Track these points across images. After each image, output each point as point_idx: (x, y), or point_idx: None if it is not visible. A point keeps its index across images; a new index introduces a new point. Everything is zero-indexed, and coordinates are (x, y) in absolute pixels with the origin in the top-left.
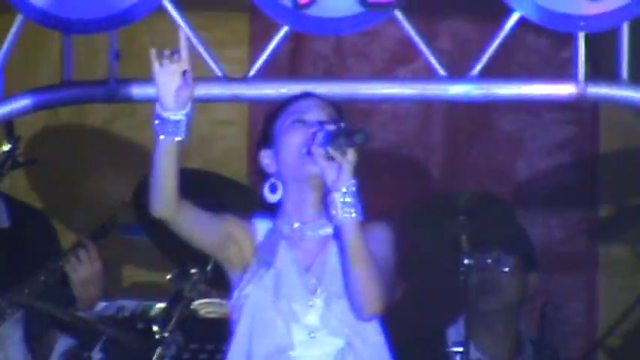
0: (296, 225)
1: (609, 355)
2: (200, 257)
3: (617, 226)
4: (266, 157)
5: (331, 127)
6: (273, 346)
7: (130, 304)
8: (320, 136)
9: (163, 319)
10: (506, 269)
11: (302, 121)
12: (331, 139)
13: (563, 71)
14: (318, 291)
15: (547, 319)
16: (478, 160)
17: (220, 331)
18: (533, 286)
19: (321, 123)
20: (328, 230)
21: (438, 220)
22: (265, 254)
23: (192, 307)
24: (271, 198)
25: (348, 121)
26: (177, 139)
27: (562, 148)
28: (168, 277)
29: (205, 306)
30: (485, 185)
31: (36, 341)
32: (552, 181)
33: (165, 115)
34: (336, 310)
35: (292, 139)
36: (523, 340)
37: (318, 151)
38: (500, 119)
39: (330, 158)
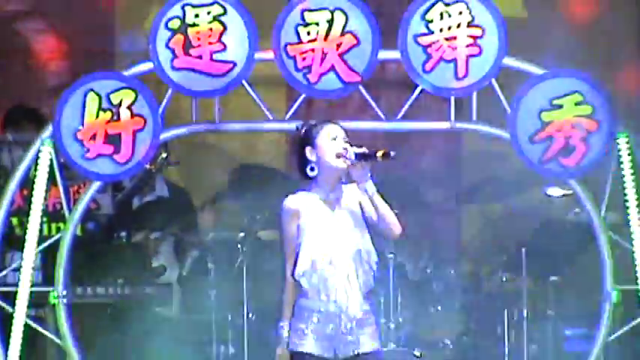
0: (324, 192)
1: (468, 256)
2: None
3: (472, 193)
4: (309, 152)
5: (360, 150)
6: (324, 250)
7: (227, 234)
8: (352, 152)
9: (243, 241)
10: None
11: (334, 139)
12: (361, 155)
13: (443, 115)
14: (341, 223)
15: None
16: (402, 161)
17: (275, 246)
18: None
19: (353, 145)
20: (340, 194)
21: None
22: (311, 207)
23: (258, 234)
24: (311, 174)
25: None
26: None
27: (444, 151)
28: (245, 220)
29: (265, 235)
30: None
31: (179, 252)
32: (438, 167)
33: None
34: (351, 233)
35: (330, 148)
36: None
37: (348, 160)
38: (412, 139)
39: (354, 165)
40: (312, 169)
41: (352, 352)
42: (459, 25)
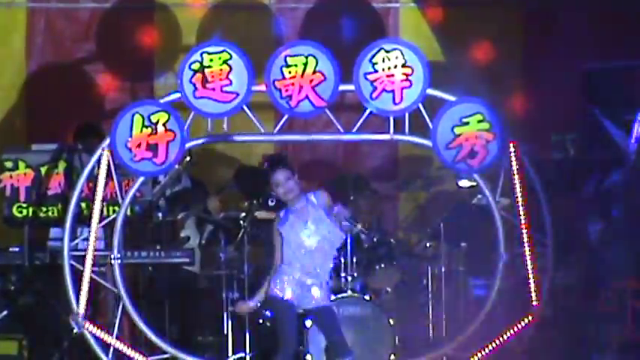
0: (292, 206)
1: (403, 229)
2: (259, 197)
3: (406, 184)
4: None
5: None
6: (298, 242)
7: (232, 214)
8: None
9: (244, 219)
10: (364, 202)
11: (277, 184)
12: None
13: (385, 129)
14: (309, 223)
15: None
16: (356, 161)
17: (267, 226)
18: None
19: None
20: (303, 204)
21: (341, 184)
22: (287, 216)
23: (255, 214)
24: (270, 205)
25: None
26: None
27: (386, 155)
28: (245, 204)
29: (260, 214)
30: (350, 171)
31: (199, 226)
32: (382, 167)
33: None
34: (317, 230)
35: (277, 189)
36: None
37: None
38: (364, 146)
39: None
40: (272, 200)
41: (311, 304)
42: (395, 66)
